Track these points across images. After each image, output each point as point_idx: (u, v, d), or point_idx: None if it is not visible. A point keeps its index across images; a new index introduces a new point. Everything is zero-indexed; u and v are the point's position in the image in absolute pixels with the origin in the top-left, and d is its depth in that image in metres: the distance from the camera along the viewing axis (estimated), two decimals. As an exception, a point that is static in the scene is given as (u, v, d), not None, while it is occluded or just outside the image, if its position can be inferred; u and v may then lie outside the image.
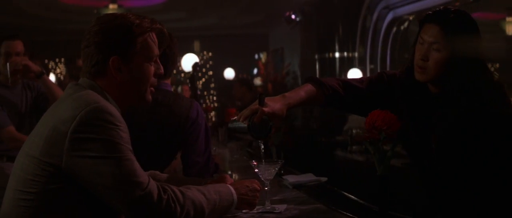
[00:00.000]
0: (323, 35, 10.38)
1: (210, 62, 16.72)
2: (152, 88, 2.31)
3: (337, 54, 10.14)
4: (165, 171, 3.55)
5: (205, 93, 16.79)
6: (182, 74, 16.55)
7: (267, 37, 15.10)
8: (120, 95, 2.21)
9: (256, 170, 2.53)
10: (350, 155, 7.32)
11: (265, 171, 2.50)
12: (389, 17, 9.24)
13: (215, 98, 16.75)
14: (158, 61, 2.30)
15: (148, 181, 2.00)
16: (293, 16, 10.99)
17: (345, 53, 10.07)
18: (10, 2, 10.18)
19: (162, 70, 2.32)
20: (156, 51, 2.26)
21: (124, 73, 2.17)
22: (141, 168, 2.97)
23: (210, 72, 16.71)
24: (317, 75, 10.45)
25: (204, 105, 10.63)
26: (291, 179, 3.17)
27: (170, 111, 3.42)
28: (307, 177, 3.25)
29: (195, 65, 6.26)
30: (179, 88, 9.13)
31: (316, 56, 10.47)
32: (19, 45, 4.33)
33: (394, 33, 9.33)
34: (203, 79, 16.78)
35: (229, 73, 14.07)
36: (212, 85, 16.78)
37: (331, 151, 8.10)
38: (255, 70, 14.83)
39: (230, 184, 2.38)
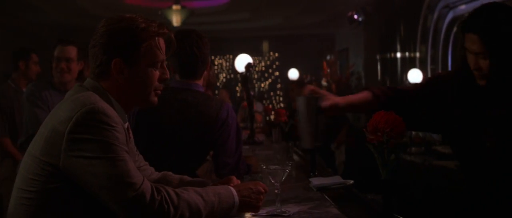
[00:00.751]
0: (385, 35, 10.22)
1: (277, 63, 16.73)
2: (158, 91, 2.31)
3: (398, 55, 9.95)
4: (199, 171, 3.54)
5: (272, 94, 16.81)
6: (253, 76, 16.62)
7: (333, 38, 14.98)
8: (123, 97, 2.24)
9: (267, 173, 2.48)
10: (408, 157, 7.28)
11: (273, 174, 2.45)
12: (449, 16, 9.00)
13: (281, 98, 16.75)
14: (165, 66, 2.31)
15: (142, 182, 2.00)
16: (355, 16, 10.86)
17: (407, 53, 9.87)
18: (75, 3, 10.40)
19: (167, 75, 2.32)
20: (161, 56, 2.27)
21: (126, 76, 2.20)
22: (176, 167, 2.99)
23: (277, 73, 16.72)
24: (379, 76, 10.31)
25: (258, 107, 10.54)
26: (316, 181, 3.09)
27: (199, 111, 3.42)
28: (333, 180, 3.16)
29: (248, 66, 6.20)
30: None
31: (378, 57, 10.31)
32: (72, 51, 4.41)
33: (455, 33, 9.08)
34: (270, 80, 16.82)
35: (293, 73, 14.00)
36: (279, 85, 16.79)
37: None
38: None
39: (233, 186, 2.34)
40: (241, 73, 6.32)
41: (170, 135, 3.42)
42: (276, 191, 2.45)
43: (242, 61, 6.62)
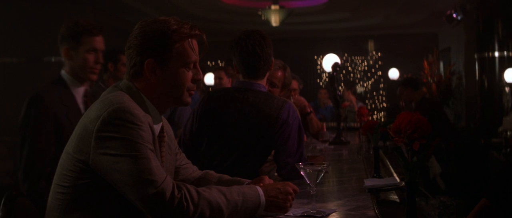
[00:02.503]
0: (483, 34, 9.94)
1: (380, 62, 16.55)
2: (192, 92, 2.38)
3: (496, 54, 9.65)
4: (262, 169, 3.60)
5: (374, 93, 16.64)
6: (356, 76, 16.51)
7: (436, 37, 14.67)
8: (156, 97, 2.32)
9: (301, 173, 2.49)
10: (504, 158, 7.08)
11: (308, 175, 2.46)
12: (547, 14, 8.68)
13: (384, 98, 16.55)
14: (198, 67, 2.37)
15: (163, 179, 2.08)
16: (454, 15, 10.60)
17: (505, 53, 9.57)
18: (172, 3, 10.65)
19: (201, 76, 2.39)
20: (194, 57, 2.33)
21: (159, 76, 2.28)
22: (237, 166, 3.04)
23: (379, 73, 16.53)
24: (476, 77, 10.05)
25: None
26: (368, 182, 3.07)
27: (260, 111, 3.46)
28: (387, 181, 3.13)
29: (335, 66, 6.20)
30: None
31: (476, 56, 10.04)
32: None
33: (552, 32, 8.74)
34: (372, 80, 16.65)
35: (393, 73, 13.85)
36: (381, 85, 16.59)
37: (487, 153, 7.87)
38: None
39: (261, 186, 2.37)
40: (329, 73, 6.31)
41: (232, 135, 3.49)
42: (311, 192, 2.46)
43: (329, 61, 6.60)
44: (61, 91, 3.72)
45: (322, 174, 2.46)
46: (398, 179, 3.22)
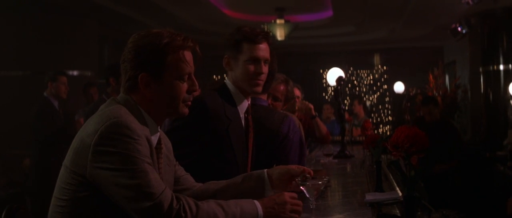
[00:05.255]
0: (487, 47, 9.97)
1: (385, 76, 16.54)
2: (188, 103, 2.38)
3: (501, 67, 9.66)
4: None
5: (380, 107, 16.62)
6: (361, 89, 16.51)
7: (442, 50, 14.66)
8: (153, 109, 2.33)
9: (301, 188, 2.50)
10: (509, 171, 7.05)
11: (307, 189, 2.46)
12: (552, 27, 8.70)
13: (389, 112, 16.52)
14: (193, 78, 2.37)
15: (161, 192, 2.09)
16: (459, 28, 10.59)
17: (510, 66, 9.58)
18: (178, 17, 10.68)
19: (196, 87, 2.38)
20: (188, 69, 2.33)
21: (154, 89, 2.29)
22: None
23: (385, 86, 16.51)
24: (482, 90, 10.03)
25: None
26: (369, 196, 3.07)
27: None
28: (389, 195, 3.13)
29: (339, 80, 6.19)
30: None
31: (481, 69, 10.05)
32: None
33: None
34: (378, 93, 16.63)
35: (398, 87, 13.82)
36: (387, 99, 16.57)
37: (492, 166, 7.84)
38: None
39: (258, 199, 2.38)
40: (333, 87, 6.31)
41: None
42: (311, 206, 2.47)
43: (333, 75, 6.60)
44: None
45: (322, 188, 2.47)
46: (400, 193, 3.20)
